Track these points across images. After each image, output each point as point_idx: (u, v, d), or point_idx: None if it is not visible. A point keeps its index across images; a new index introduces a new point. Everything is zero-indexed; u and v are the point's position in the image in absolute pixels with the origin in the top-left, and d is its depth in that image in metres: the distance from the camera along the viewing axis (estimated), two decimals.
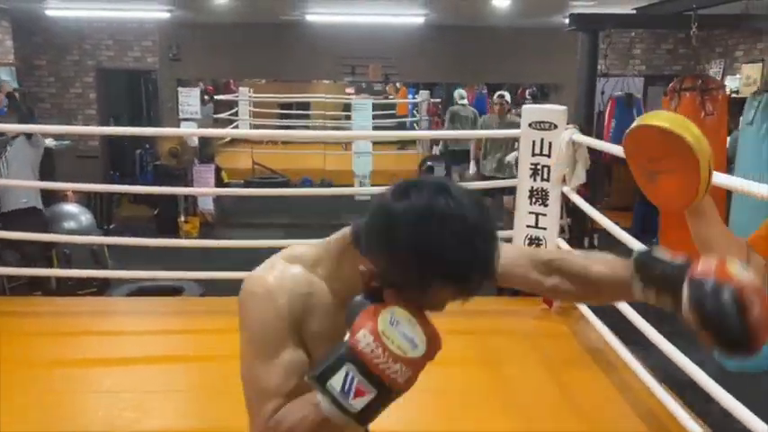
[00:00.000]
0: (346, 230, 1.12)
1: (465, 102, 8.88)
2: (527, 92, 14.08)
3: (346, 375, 0.95)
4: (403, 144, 14.95)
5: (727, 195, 3.91)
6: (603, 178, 10.14)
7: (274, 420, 1.05)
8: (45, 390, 3.22)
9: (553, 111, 4.31)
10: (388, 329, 0.96)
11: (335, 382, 0.95)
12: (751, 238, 1.28)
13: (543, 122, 4.24)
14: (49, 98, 8.87)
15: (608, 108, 6.30)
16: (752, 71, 7.04)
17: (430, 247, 0.94)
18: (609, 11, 5.69)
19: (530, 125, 4.28)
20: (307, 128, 14.02)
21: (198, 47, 8.86)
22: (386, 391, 0.96)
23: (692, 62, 8.91)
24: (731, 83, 7.26)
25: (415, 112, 14.73)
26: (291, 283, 1.08)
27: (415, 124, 14.42)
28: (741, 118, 3.45)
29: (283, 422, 1.03)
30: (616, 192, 9.10)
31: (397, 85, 15.77)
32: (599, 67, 4.80)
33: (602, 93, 5.41)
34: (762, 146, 3.27)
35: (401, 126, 14.66)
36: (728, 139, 4.71)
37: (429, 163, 12.34)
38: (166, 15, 7.80)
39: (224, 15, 7.65)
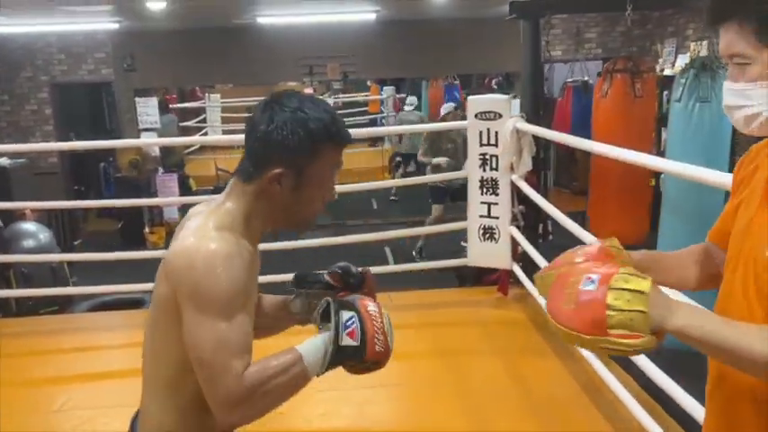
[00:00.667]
0: (231, 184, 1.30)
1: (411, 107, 10.01)
2: (493, 81, 14.19)
3: (351, 317, 1.19)
4: (373, 141, 14.96)
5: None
6: (569, 163, 10.28)
7: (250, 375, 1.14)
8: None
9: (497, 100, 4.35)
10: (386, 316, 1.24)
11: (345, 315, 1.19)
12: (710, 233, 1.26)
13: (488, 112, 4.27)
14: (5, 116, 8.74)
15: (565, 96, 6.37)
16: (700, 49, 7.14)
17: (309, 118, 1.23)
18: None
19: (476, 116, 4.31)
20: None
21: (152, 55, 8.77)
22: (363, 348, 1.18)
23: (647, 43, 9.03)
24: (682, 61, 7.35)
25: (382, 108, 14.76)
26: (234, 248, 1.19)
27: (383, 120, 14.44)
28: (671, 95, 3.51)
29: (261, 375, 1.15)
30: (582, 175, 9.19)
31: (368, 83, 15.78)
32: (546, 52, 4.85)
33: (546, 79, 5.43)
34: (689, 121, 3.33)
35: (372, 123, 14.73)
36: None
37: (398, 159, 12.39)
38: (116, 26, 7.72)
39: (174, 22, 7.58)
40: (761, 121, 1.01)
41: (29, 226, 6.17)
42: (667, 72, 7.40)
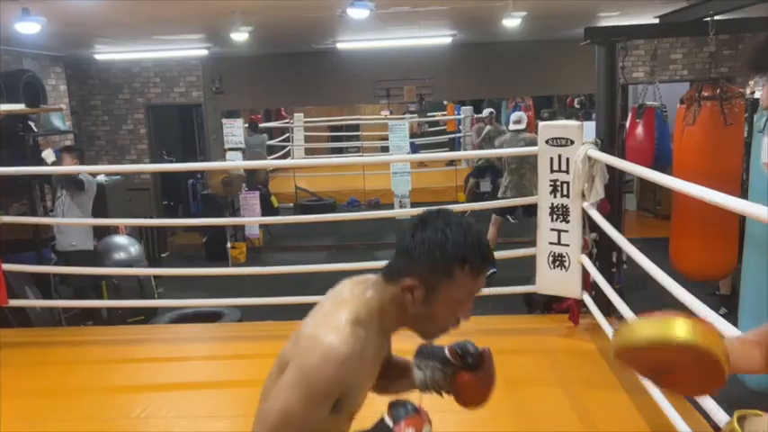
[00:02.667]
0: (377, 278, 1.38)
1: (520, 126, 7.27)
2: (575, 101, 13.95)
3: None
4: (450, 161, 14.99)
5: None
6: (653, 186, 9.93)
7: None
8: (77, 416, 3.43)
9: (569, 126, 4.30)
10: None
11: None
12: None
13: (559, 138, 4.23)
14: (104, 136, 9.38)
15: (630, 119, 6.16)
16: None
17: (448, 240, 1.28)
18: (633, 21, 5.62)
19: (546, 142, 4.28)
20: (357, 149, 14.38)
21: (238, 79, 9.21)
22: None
23: (738, 63, 8.62)
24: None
25: (461, 128, 14.79)
26: (356, 350, 1.25)
27: (461, 139, 14.46)
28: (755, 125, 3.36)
29: None
30: (666, 199, 8.86)
31: (444, 102, 15.88)
32: (622, 78, 4.75)
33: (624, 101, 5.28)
34: None
35: (451, 141, 14.89)
36: None
37: (472, 178, 12.36)
38: (205, 52, 8.16)
39: (257, 48, 7.94)
40: None
41: (121, 239, 6.60)
42: (758, 95, 7.04)
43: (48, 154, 5.60)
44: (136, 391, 3.87)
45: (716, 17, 4.12)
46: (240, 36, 5.45)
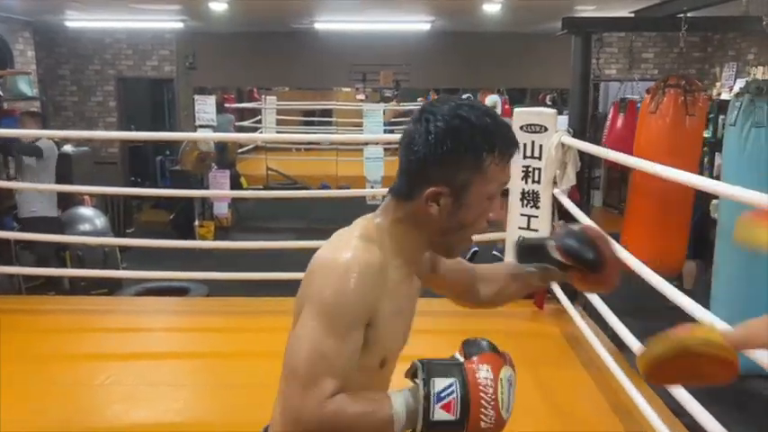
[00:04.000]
0: (386, 202, 1.19)
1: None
2: (547, 97, 14.12)
3: (450, 385, 1.00)
4: None
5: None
6: (620, 183, 10.13)
7: (334, 403, 1.02)
8: (43, 381, 3.38)
9: (544, 113, 4.37)
10: (506, 383, 1.04)
11: (440, 383, 1.01)
12: None
13: (534, 125, 4.29)
14: (72, 106, 9.18)
15: (611, 113, 6.29)
16: (760, 74, 6.96)
17: (469, 126, 1.07)
18: (609, 14, 5.71)
19: (521, 128, 4.34)
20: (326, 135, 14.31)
21: (213, 55, 9.09)
22: (462, 423, 1.00)
23: (705, 65, 8.85)
24: (738, 86, 7.18)
25: None
26: (376, 260, 1.09)
27: None
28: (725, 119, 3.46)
29: (345, 408, 1.02)
30: None
31: (425, 94, 15.89)
32: (595, 71, 4.83)
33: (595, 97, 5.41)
34: (744, 146, 3.28)
35: None
36: None
37: None
38: (180, 25, 8.03)
39: (234, 25, 7.85)
40: None
41: (86, 211, 6.49)
42: (725, 96, 7.24)
43: None
44: (100, 360, 3.82)
45: (688, 14, 4.21)
46: (219, 6, 5.38)
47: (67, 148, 7.28)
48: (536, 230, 4.37)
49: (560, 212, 4.41)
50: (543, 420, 3.08)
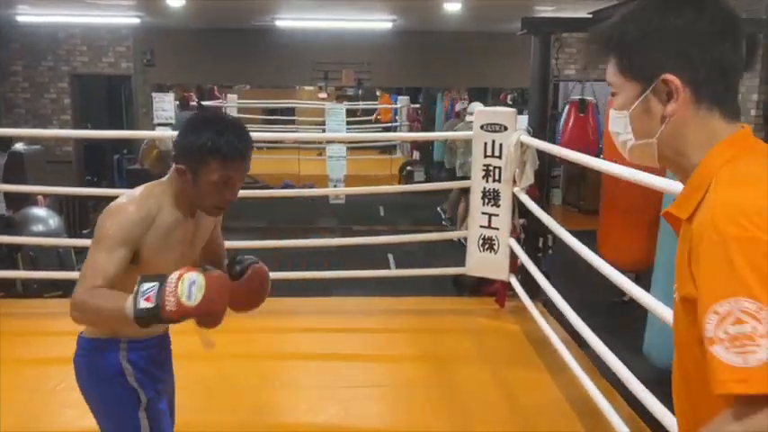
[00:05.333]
0: (170, 172, 1.70)
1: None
2: (508, 97, 14.27)
3: (151, 287, 1.48)
4: (384, 149, 15.04)
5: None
6: (579, 182, 10.30)
7: (95, 291, 1.54)
8: None
9: (504, 113, 4.40)
10: (186, 282, 1.49)
11: (144, 286, 1.49)
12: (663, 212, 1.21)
13: (494, 125, 4.32)
14: (24, 104, 8.90)
15: (567, 112, 6.40)
16: None
17: (200, 138, 1.63)
18: (568, 15, 5.79)
19: (481, 127, 4.36)
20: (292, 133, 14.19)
21: (171, 52, 8.91)
22: (158, 308, 1.47)
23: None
24: None
25: (396, 117, 14.85)
26: (142, 206, 1.64)
27: (396, 129, 14.53)
28: None
29: (99, 294, 1.54)
30: (590, 195, 9.19)
31: (377, 92, 15.89)
32: (554, 71, 4.89)
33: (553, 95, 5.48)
34: None
35: (387, 131, 14.86)
36: None
37: (409, 168, 12.46)
38: (137, 21, 7.86)
39: (193, 21, 7.71)
40: (629, 147, 1.06)
41: (39, 211, 6.28)
42: None
43: None
44: (51, 364, 3.71)
45: None
46: (176, 2, 5.25)
47: (19, 146, 7.06)
48: (497, 228, 4.41)
49: (520, 211, 4.46)
50: (504, 419, 3.10)
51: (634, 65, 1.01)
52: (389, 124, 14.97)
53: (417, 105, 14.45)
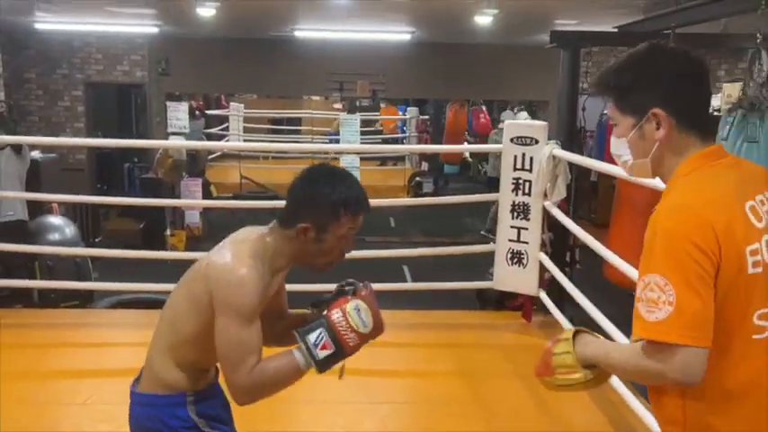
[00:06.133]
0: (273, 224, 1.63)
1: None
2: (515, 109, 14.29)
3: (319, 334, 1.48)
4: (393, 160, 15.01)
5: None
6: (590, 195, 10.27)
7: (259, 368, 1.50)
8: (19, 401, 3.20)
9: (534, 126, 4.37)
10: (352, 312, 1.50)
11: (312, 337, 1.48)
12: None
13: (524, 137, 4.29)
14: (38, 111, 8.89)
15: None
16: (732, 90, 7.10)
17: (332, 193, 1.57)
18: (591, 29, 5.78)
19: (511, 140, 4.33)
20: (298, 143, 14.13)
21: (186, 62, 8.92)
22: (340, 350, 1.49)
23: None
24: (713, 101, 7.34)
25: (405, 128, 14.83)
26: (259, 271, 1.54)
27: (404, 141, 14.50)
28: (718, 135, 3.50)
29: (267, 369, 1.51)
30: (602, 208, 9.16)
31: (381, 104, 15.83)
32: (582, 84, 4.88)
33: (584, 109, 5.47)
34: None
35: (390, 143, 14.81)
36: None
37: (417, 179, 12.43)
38: (155, 30, 7.85)
39: (213, 30, 7.70)
40: (629, 165, 1.37)
41: (55, 220, 6.24)
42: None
43: None
44: (78, 377, 3.67)
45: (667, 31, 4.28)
46: (207, 12, 5.23)
47: (35, 154, 7.02)
48: (526, 242, 4.36)
49: (549, 224, 4.41)
50: None
51: (629, 103, 1.32)
52: (396, 135, 14.92)
53: (426, 117, 14.44)
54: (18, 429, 2.93)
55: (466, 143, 11.83)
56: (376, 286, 1.64)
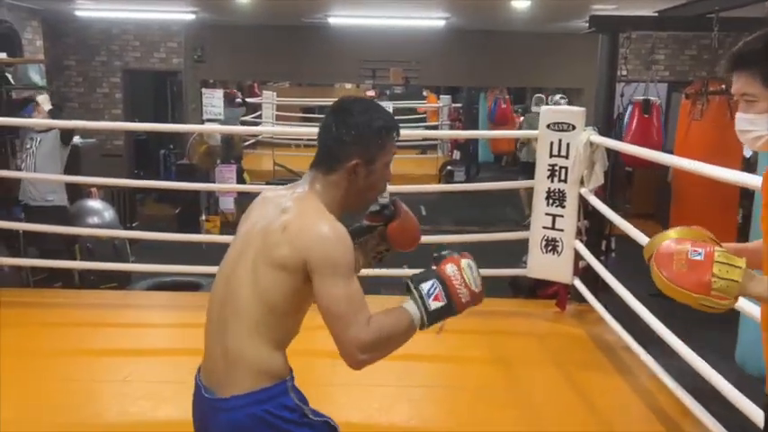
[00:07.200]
0: (311, 176, 1.57)
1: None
2: (552, 97, 14.09)
3: (432, 284, 1.44)
4: (423, 149, 14.94)
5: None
6: (624, 184, 10.09)
7: (375, 320, 1.42)
8: (63, 378, 3.30)
9: (572, 112, 4.31)
10: (467, 268, 1.48)
11: (425, 286, 1.44)
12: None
13: (561, 123, 4.23)
14: (77, 97, 9.06)
15: (631, 113, 6.23)
16: None
17: (373, 120, 1.53)
18: (631, 13, 5.67)
19: (548, 126, 4.28)
20: None
21: (222, 49, 8.99)
22: (452, 304, 1.45)
23: (715, 68, 8.82)
24: None
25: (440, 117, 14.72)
26: (342, 227, 1.49)
27: (438, 129, 14.41)
28: None
29: (382, 321, 1.43)
30: (636, 198, 9.02)
31: (424, 93, 15.70)
32: (619, 70, 4.79)
33: (622, 96, 5.36)
34: None
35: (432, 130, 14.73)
36: None
37: (449, 167, 12.37)
38: (191, 17, 7.93)
39: (247, 17, 7.74)
40: (762, 141, 1.39)
41: (94, 203, 6.37)
42: None
43: (44, 99, 5.33)
44: (117, 355, 3.75)
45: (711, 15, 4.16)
46: None
47: (76, 139, 7.16)
48: (561, 230, 4.32)
49: (586, 213, 4.36)
50: (581, 421, 3.03)
51: None
52: (436, 123, 14.81)
53: (459, 105, 14.33)
54: (62, 404, 3.02)
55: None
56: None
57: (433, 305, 1.43)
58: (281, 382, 1.50)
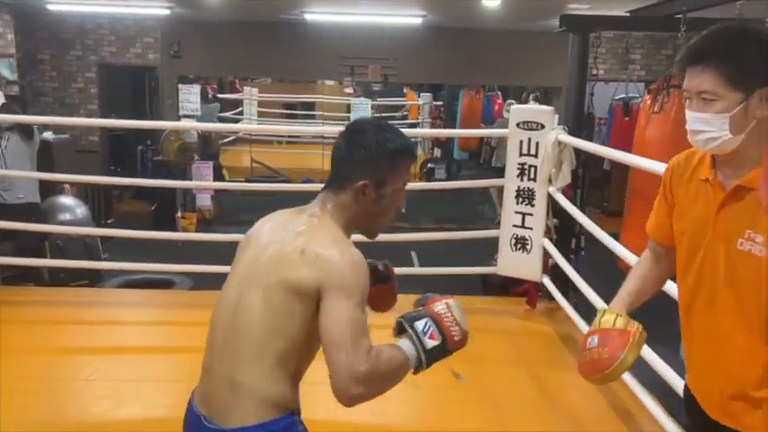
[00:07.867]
0: (322, 197, 1.53)
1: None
2: (530, 96, 14.15)
3: (426, 323, 1.42)
4: None
5: None
6: (602, 183, 10.17)
7: (375, 351, 1.35)
8: (23, 376, 3.25)
9: (541, 111, 4.33)
10: (455, 308, 1.47)
11: (419, 325, 1.42)
12: (647, 228, 1.65)
13: (531, 122, 4.25)
14: (51, 92, 8.95)
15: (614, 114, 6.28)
16: None
17: (386, 142, 1.50)
18: (604, 13, 5.70)
19: (517, 125, 4.29)
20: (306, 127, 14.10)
21: (198, 44, 8.92)
22: (445, 343, 1.42)
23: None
24: None
25: (419, 114, 14.71)
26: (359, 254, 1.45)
27: (419, 127, 14.40)
28: None
29: (381, 352, 1.36)
30: (614, 196, 9.09)
31: (404, 89, 15.67)
32: (591, 70, 4.81)
33: (592, 95, 5.40)
34: None
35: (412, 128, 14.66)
36: None
37: (429, 165, 12.38)
38: (166, 12, 7.86)
39: (224, 13, 7.69)
40: (717, 143, 1.33)
41: (66, 200, 6.31)
42: None
43: None
44: (83, 353, 3.72)
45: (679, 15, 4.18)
46: None
47: (47, 135, 7.08)
48: (530, 228, 4.34)
49: (554, 210, 4.38)
50: (544, 420, 3.05)
51: (745, 77, 1.27)
52: (416, 120, 14.80)
53: (440, 103, 14.34)
54: (21, 404, 2.99)
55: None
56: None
57: (430, 343, 1.40)
58: (289, 414, 1.45)
